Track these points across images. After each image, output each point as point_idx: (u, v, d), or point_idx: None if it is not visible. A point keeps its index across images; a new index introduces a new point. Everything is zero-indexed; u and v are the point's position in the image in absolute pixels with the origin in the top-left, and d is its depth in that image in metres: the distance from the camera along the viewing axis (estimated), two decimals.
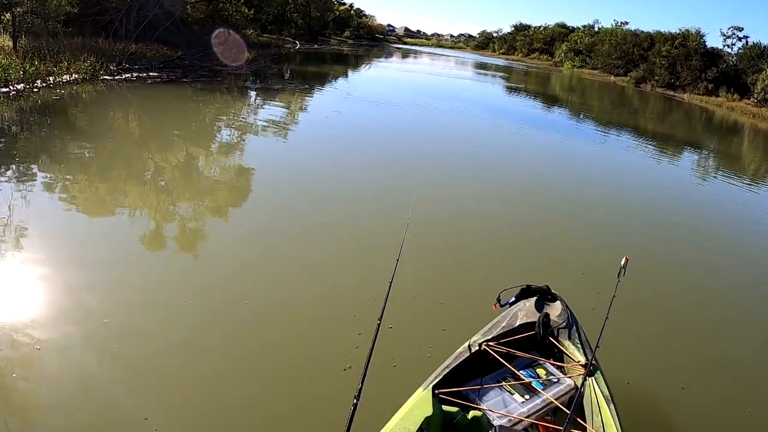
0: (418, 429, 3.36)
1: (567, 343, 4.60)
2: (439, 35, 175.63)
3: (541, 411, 3.94)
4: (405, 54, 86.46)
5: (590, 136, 25.30)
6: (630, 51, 76.98)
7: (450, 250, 8.74)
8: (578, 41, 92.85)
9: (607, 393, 3.97)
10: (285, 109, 21.29)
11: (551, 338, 4.65)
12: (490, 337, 4.52)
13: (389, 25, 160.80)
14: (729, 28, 70.42)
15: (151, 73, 23.52)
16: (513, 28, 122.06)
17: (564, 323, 4.74)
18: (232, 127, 17.04)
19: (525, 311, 4.88)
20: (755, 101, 57.73)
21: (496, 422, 3.66)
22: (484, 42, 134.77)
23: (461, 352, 4.37)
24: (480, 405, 3.87)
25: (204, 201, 10.05)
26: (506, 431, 3.25)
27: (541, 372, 4.29)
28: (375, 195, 11.28)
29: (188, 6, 36.56)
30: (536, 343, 4.65)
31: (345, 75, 40.82)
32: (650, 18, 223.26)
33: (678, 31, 72.15)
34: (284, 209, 9.89)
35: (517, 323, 4.72)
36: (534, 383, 4.14)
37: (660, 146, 25.55)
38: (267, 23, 61.83)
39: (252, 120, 18.41)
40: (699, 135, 35.00)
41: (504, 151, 18.12)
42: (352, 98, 25.59)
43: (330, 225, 9.21)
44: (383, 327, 3.60)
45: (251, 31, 49.52)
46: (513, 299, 5.07)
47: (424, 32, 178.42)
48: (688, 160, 24.04)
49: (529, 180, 14.65)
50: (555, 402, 3.98)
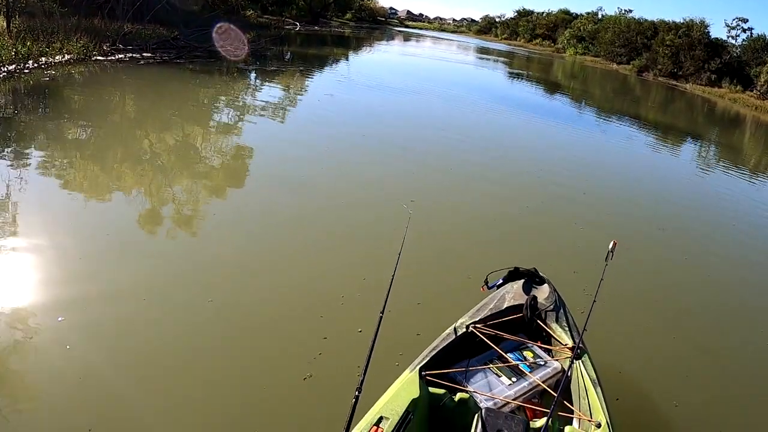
0: (405, 411, 3.35)
1: (554, 326, 4.60)
2: (442, 19, 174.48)
3: (528, 393, 3.97)
4: (407, 37, 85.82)
5: (590, 125, 25.18)
6: (633, 39, 76.49)
7: (443, 240, 8.55)
8: (581, 28, 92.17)
9: (594, 376, 3.99)
10: (278, 94, 20.77)
11: (539, 321, 4.65)
12: (478, 319, 4.53)
13: (391, 8, 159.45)
14: (733, 20, 70.25)
15: (145, 54, 22.97)
16: (516, 14, 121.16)
17: (551, 306, 4.76)
18: (214, 112, 16.68)
19: (512, 293, 4.89)
20: (758, 94, 57.51)
21: (483, 404, 3.66)
22: (487, 27, 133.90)
23: (448, 334, 4.36)
24: (467, 387, 3.89)
25: (175, 188, 9.54)
26: (493, 413, 3.23)
27: (529, 355, 4.32)
28: (359, 185, 10.73)
29: None
30: (524, 326, 4.66)
31: (345, 58, 40.39)
32: (654, 6, 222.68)
33: (682, 21, 71.71)
34: (256, 199, 9.57)
35: (505, 305, 4.73)
36: (521, 366, 4.17)
37: (660, 136, 25.60)
38: (268, 4, 61.17)
39: (236, 105, 17.92)
40: (700, 126, 34.88)
41: (501, 138, 17.97)
42: (350, 82, 25.14)
43: (305, 218, 8.74)
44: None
45: (251, 12, 49.13)
46: (500, 281, 5.08)
47: (427, 16, 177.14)
48: (688, 151, 24.00)
49: (526, 165, 14.61)
50: (542, 385, 4.01)
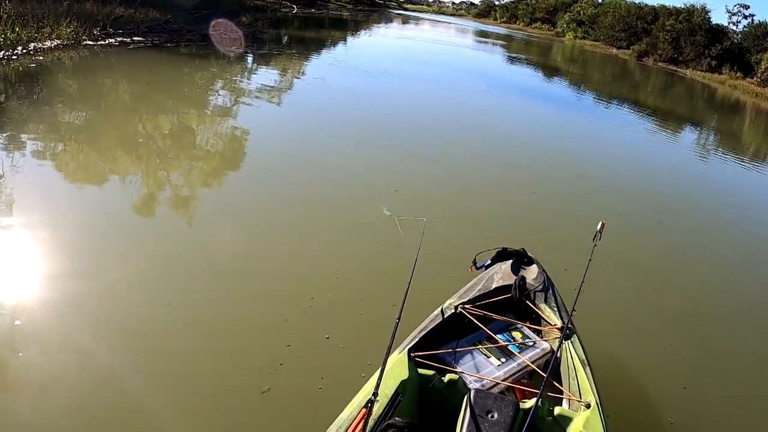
0: (395, 392, 3.33)
1: (543, 306, 4.60)
2: (441, 2, 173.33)
3: (518, 374, 3.98)
4: (405, 20, 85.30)
5: (588, 110, 24.97)
6: (633, 24, 76.20)
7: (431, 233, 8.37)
8: (581, 12, 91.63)
9: (584, 356, 4.01)
10: (272, 78, 20.30)
11: (527, 301, 4.64)
12: (466, 300, 4.52)
13: None
14: (735, 5, 69.98)
15: (135, 38, 22.42)
16: None
17: (540, 286, 4.75)
18: (198, 98, 16.16)
19: (501, 274, 4.88)
20: (759, 80, 57.38)
21: (472, 385, 3.63)
22: (486, 10, 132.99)
23: (437, 315, 4.34)
24: (456, 368, 3.87)
25: (140, 181, 8.92)
26: (482, 394, 3.19)
27: (517, 335, 4.32)
28: (336, 177, 10.15)
29: None
30: (512, 306, 4.64)
31: (342, 41, 39.86)
32: None
33: (683, 6, 71.22)
34: (230, 192, 9.07)
35: (493, 286, 4.73)
36: (510, 346, 4.16)
37: (659, 121, 25.49)
38: None
39: (219, 91, 17.32)
40: (700, 112, 34.81)
41: (494, 124, 17.50)
42: (345, 67, 24.64)
43: (277, 212, 8.30)
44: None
45: None
46: (489, 262, 5.07)
47: None
48: (687, 136, 23.95)
49: (519, 152, 14.39)
50: (531, 365, 4.01)
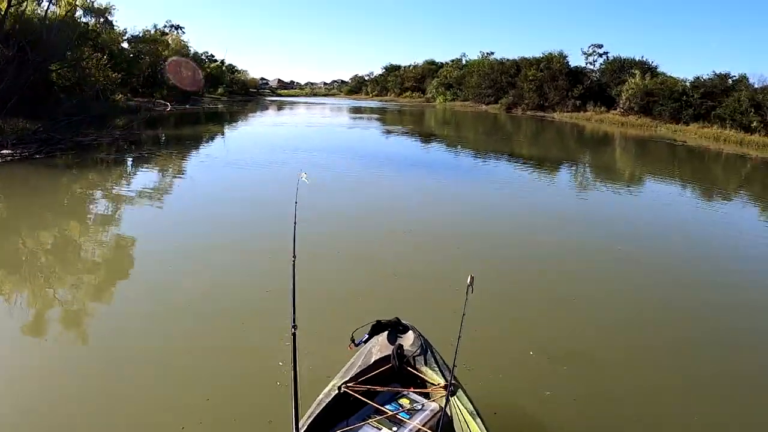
0: None
1: (425, 369, 4.68)
2: (313, 84, 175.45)
3: None
4: (280, 106, 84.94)
5: (466, 169, 24.33)
6: (498, 79, 79.36)
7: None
8: (447, 76, 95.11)
9: (472, 408, 4.16)
10: (145, 182, 18.32)
11: (409, 367, 4.71)
12: (348, 378, 4.52)
13: (262, 78, 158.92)
14: (589, 47, 74.83)
15: (4, 151, 20.34)
16: (384, 70, 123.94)
17: (418, 350, 4.84)
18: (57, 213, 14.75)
19: (379, 346, 4.92)
20: (621, 111, 60.63)
21: None
22: (357, 86, 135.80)
23: (322, 399, 4.31)
24: None
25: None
26: None
27: (405, 402, 4.32)
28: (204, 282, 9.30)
29: (53, 73, 34.30)
30: (396, 376, 4.68)
31: (218, 135, 37.94)
32: (514, 46, 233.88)
33: (542, 55, 75.27)
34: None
35: (373, 359, 4.75)
36: (400, 414, 4.17)
37: (535, 168, 25.37)
38: (138, 86, 59.37)
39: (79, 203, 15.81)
40: (573, 151, 35.68)
41: (369, 200, 16.56)
42: (219, 162, 22.75)
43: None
44: None
45: (120, 96, 47.04)
46: (366, 336, 5.05)
47: (298, 82, 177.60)
48: (564, 177, 24.05)
49: (394, 224, 13.54)
50: (423, 428, 4.03)
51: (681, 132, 52.52)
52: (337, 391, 4.36)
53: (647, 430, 5.66)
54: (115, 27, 53.46)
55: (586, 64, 74.15)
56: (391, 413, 4.15)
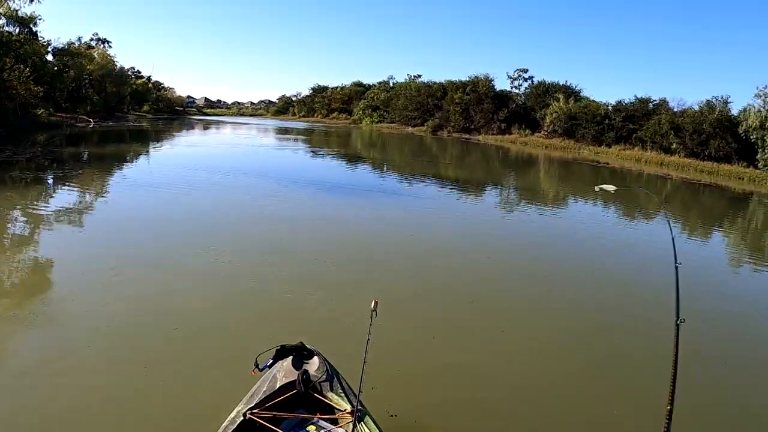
0: None
1: (331, 395, 4.63)
2: (240, 103, 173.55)
3: None
4: (206, 125, 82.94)
5: (392, 192, 23.52)
6: (425, 102, 79.92)
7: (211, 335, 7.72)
8: (374, 98, 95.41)
9: None
10: (67, 203, 16.81)
11: (315, 393, 4.64)
12: (253, 405, 4.42)
13: (189, 97, 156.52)
14: (515, 71, 76.10)
15: None
16: (311, 91, 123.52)
17: (324, 376, 4.78)
18: None
19: (283, 372, 4.83)
20: (546, 133, 61.67)
21: None
22: (284, 107, 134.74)
23: (227, 426, 4.23)
24: None
25: None
26: None
27: (312, 429, 4.30)
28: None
29: None
30: (302, 401, 4.62)
31: (143, 154, 36.35)
32: (442, 69, 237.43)
33: (468, 79, 76.21)
34: None
35: (278, 385, 4.66)
36: None
37: (461, 190, 24.90)
38: (62, 100, 56.95)
39: None
40: (498, 173, 35.58)
41: (285, 227, 15.64)
42: (139, 183, 21.19)
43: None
44: None
45: (42, 111, 44.97)
46: (270, 361, 4.95)
47: (225, 101, 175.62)
48: (489, 199, 23.80)
49: (310, 250, 12.67)
50: None
51: (603, 154, 53.77)
52: (242, 418, 4.27)
53: None
54: (40, 38, 51.02)
55: (512, 88, 75.53)
56: None
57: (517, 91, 74.64)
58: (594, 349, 8.18)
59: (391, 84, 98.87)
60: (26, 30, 45.64)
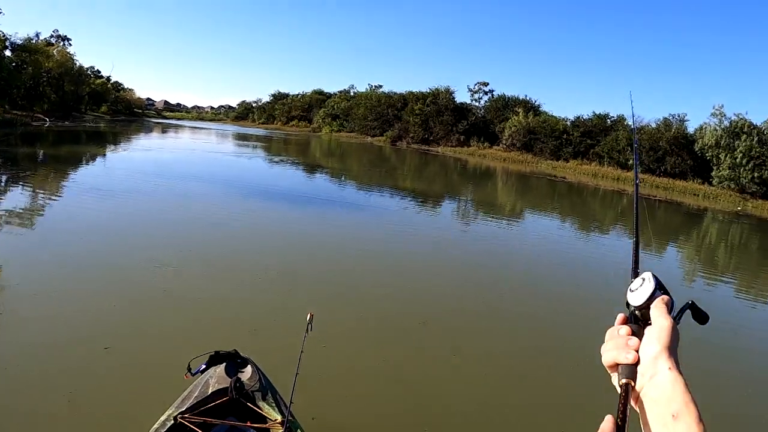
0: None
1: (262, 404, 4.59)
2: (200, 108, 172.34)
3: None
4: (165, 129, 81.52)
5: (349, 202, 23.13)
6: (385, 112, 79.72)
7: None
8: (335, 106, 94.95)
9: None
10: (19, 205, 16.37)
11: (247, 402, 4.56)
12: (184, 409, 4.33)
13: (148, 99, 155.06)
14: (476, 84, 76.22)
15: None
16: (272, 97, 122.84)
17: (257, 385, 4.73)
18: None
19: (216, 378, 4.75)
20: (504, 146, 61.97)
21: None
22: (244, 113, 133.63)
23: (157, 429, 4.16)
24: None
25: None
26: None
27: None
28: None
29: None
30: (233, 409, 4.55)
31: (99, 156, 35.25)
32: (403, 80, 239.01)
33: (429, 90, 76.27)
34: None
35: (210, 391, 4.60)
36: None
37: (418, 201, 24.59)
38: (18, 98, 55.42)
39: None
40: (456, 185, 35.48)
41: (244, 235, 15.10)
42: (92, 187, 20.23)
43: None
44: None
45: None
46: (203, 366, 4.85)
47: (185, 105, 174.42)
48: (446, 210, 23.59)
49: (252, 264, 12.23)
50: None
51: (561, 168, 54.19)
52: (173, 422, 4.23)
53: None
54: None
55: (472, 101, 75.90)
56: None
57: (477, 104, 75.12)
58: (549, 368, 8.00)
59: (352, 93, 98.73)
60: None
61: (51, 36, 79.30)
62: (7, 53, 54.59)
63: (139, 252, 11.53)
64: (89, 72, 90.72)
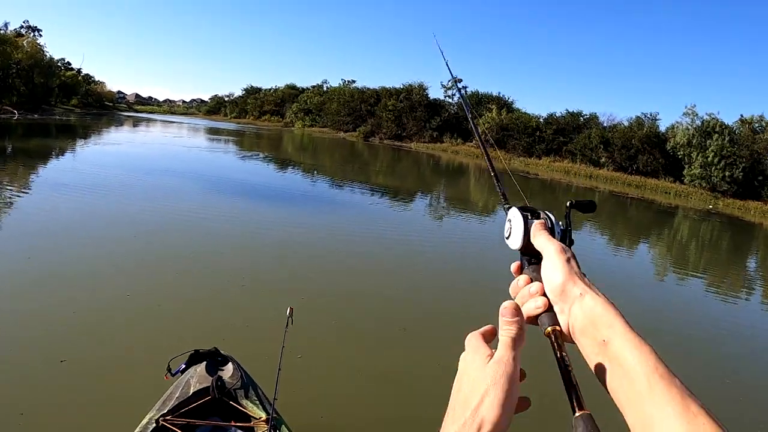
0: None
1: (245, 402, 4.48)
2: (171, 101, 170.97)
3: None
4: (136, 122, 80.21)
5: (320, 199, 22.78)
6: (358, 107, 79.35)
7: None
8: (308, 101, 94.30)
9: None
10: None
11: (230, 400, 4.45)
12: (166, 411, 4.24)
13: (119, 92, 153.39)
14: (449, 80, 75.61)
15: None
16: (244, 91, 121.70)
17: (239, 383, 4.63)
18: None
19: (197, 377, 4.64)
20: (477, 143, 61.75)
21: None
22: (216, 107, 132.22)
23: None
24: None
25: None
26: None
27: None
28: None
29: None
30: (216, 408, 4.45)
31: (68, 150, 34.50)
32: (376, 75, 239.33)
33: (402, 86, 76.00)
34: None
35: (191, 391, 4.48)
36: None
37: (390, 197, 24.41)
38: None
39: None
40: (428, 181, 35.54)
41: (213, 231, 14.77)
42: (52, 183, 19.83)
43: None
44: None
45: None
46: (183, 366, 4.74)
47: (156, 99, 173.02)
48: (419, 206, 23.65)
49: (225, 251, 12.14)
50: None
51: (533, 165, 54.39)
52: (155, 425, 4.16)
53: None
54: None
55: (445, 97, 75.60)
56: None
57: (451, 101, 74.98)
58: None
59: (325, 88, 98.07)
60: None
61: (21, 27, 78.00)
62: None
63: (102, 253, 11.10)
64: (60, 64, 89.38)
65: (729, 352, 9.83)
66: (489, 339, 0.91)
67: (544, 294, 0.96)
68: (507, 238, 1.07)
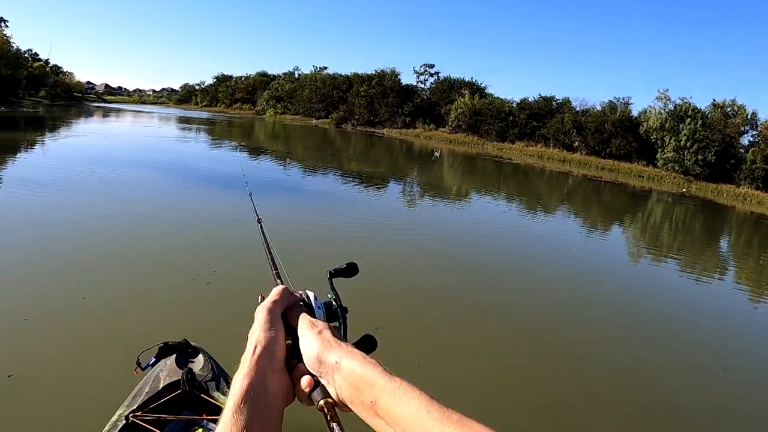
0: None
1: (217, 395, 4.38)
2: (141, 91, 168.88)
3: None
4: (106, 113, 78.97)
5: (291, 187, 22.44)
6: (330, 94, 78.80)
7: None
8: (279, 88, 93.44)
9: None
10: None
11: (201, 393, 4.35)
12: (136, 407, 4.12)
13: (89, 83, 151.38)
14: (421, 66, 75.83)
15: None
16: (215, 80, 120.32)
17: (210, 375, 4.52)
18: None
19: (167, 371, 4.54)
20: (450, 128, 61.93)
21: None
22: (187, 96, 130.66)
23: (108, 430, 3.94)
24: None
25: None
26: None
27: (199, 431, 4.02)
28: None
29: None
30: (187, 402, 4.33)
31: (41, 143, 33.56)
32: (348, 61, 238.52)
33: (374, 72, 75.49)
34: None
35: (161, 385, 4.37)
36: None
37: (363, 183, 24.09)
38: None
39: None
40: (401, 167, 35.12)
41: (179, 221, 14.41)
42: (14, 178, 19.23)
43: None
44: None
45: None
46: (153, 360, 4.53)
47: (126, 89, 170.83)
48: (392, 190, 23.29)
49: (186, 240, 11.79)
50: None
51: (507, 150, 54.41)
52: (125, 421, 4.06)
53: None
54: None
55: (418, 83, 75.44)
56: None
57: (423, 86, 74.77)
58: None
59: (297, 75, 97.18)
60: None
61: None
62: None
63: (58, 253, 10.46)
64: (27, 55, 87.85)
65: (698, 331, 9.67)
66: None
67: (308, 372, 0.96)
68: None
